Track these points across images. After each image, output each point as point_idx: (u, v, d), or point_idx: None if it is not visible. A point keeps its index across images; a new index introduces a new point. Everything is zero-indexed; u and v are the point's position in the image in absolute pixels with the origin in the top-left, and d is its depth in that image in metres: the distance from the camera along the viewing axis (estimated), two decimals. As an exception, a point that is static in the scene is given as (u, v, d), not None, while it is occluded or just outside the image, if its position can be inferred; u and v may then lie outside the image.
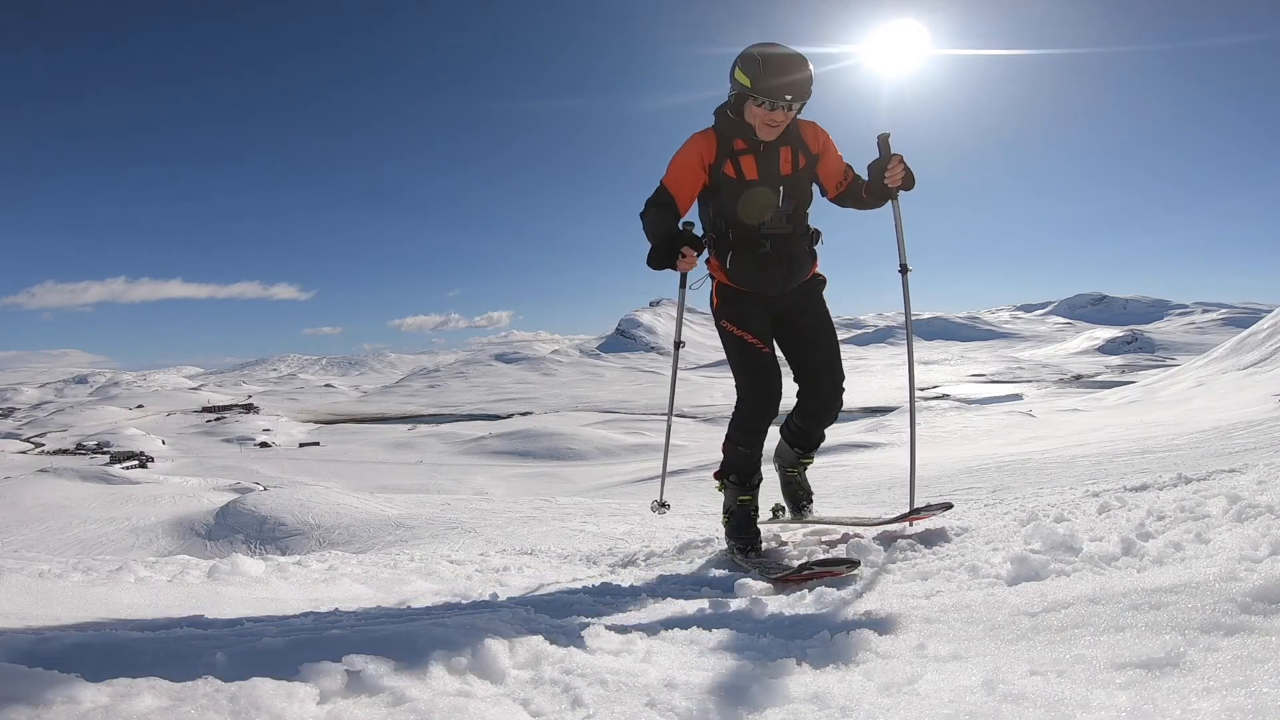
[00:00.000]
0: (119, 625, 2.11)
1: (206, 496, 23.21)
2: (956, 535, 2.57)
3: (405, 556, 4.82)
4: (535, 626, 1.75)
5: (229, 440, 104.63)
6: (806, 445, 3.24)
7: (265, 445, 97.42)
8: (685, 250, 2.65)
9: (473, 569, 4.00)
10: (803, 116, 2.76)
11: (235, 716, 0.99)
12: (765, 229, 2.77)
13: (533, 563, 4.35)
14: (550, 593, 2.87)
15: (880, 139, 2.88)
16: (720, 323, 2.93)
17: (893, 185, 2.85)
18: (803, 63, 2.58)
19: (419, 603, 2.72)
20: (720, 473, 3.11)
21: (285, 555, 5.13)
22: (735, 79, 2.65)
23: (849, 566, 2.23)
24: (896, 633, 1.38)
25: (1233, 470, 3.65)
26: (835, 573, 2.21)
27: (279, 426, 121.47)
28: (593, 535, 7.04)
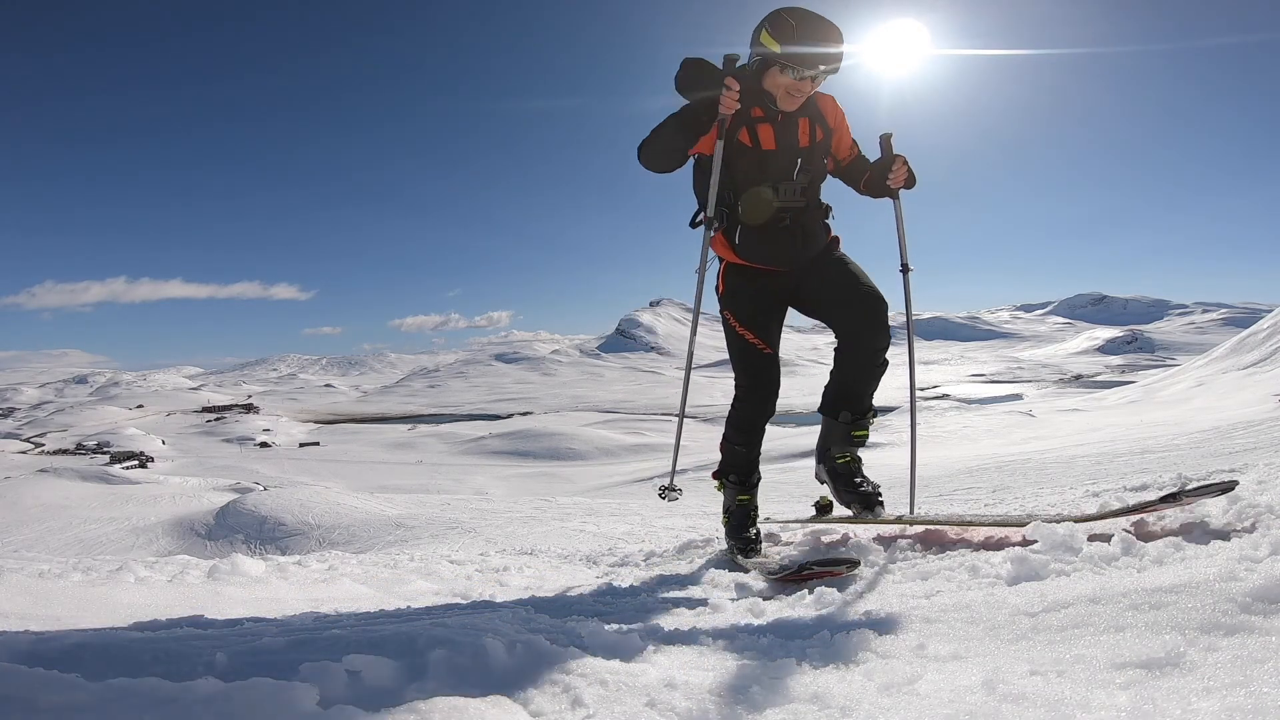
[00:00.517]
0: (119, 625, 2.11)
1: (206, 496, 23.22)
2: (957, 535, 2.57)
3: (405, 556, 4.82)
4: (535, 626, 1.75)
5: (229, 440, 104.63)
6: (856, 401, 2.72)
7: (265, 445, 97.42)
8: (729, 81, 2.38)
9: (473, 569, 4.00)
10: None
11: (235, 717, 0.99)
12: (779, 201, 2.61)
13: (533, 563, 4.35)
14: (550, 593, 2.88)
15: (882, 139, 2.85)
16: (724, 312, 2.82)
17: (895, 186, 2.82)
18: (838, 33, 2.41)
19: (419, 603, 2.72)
20: (719, 472, 3.10)
21: (285, 555, 5.13)
22: (760, 42, 2.46)
23: (849, 566, 2.23)
24: (896, 633, 1.38)
25: (1233, 470, 3.65)
26: (835, 573, 2.21)
27: (279, 426, 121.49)
28: (593, 535, 7.04)
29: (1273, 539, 1.45)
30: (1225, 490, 2.11)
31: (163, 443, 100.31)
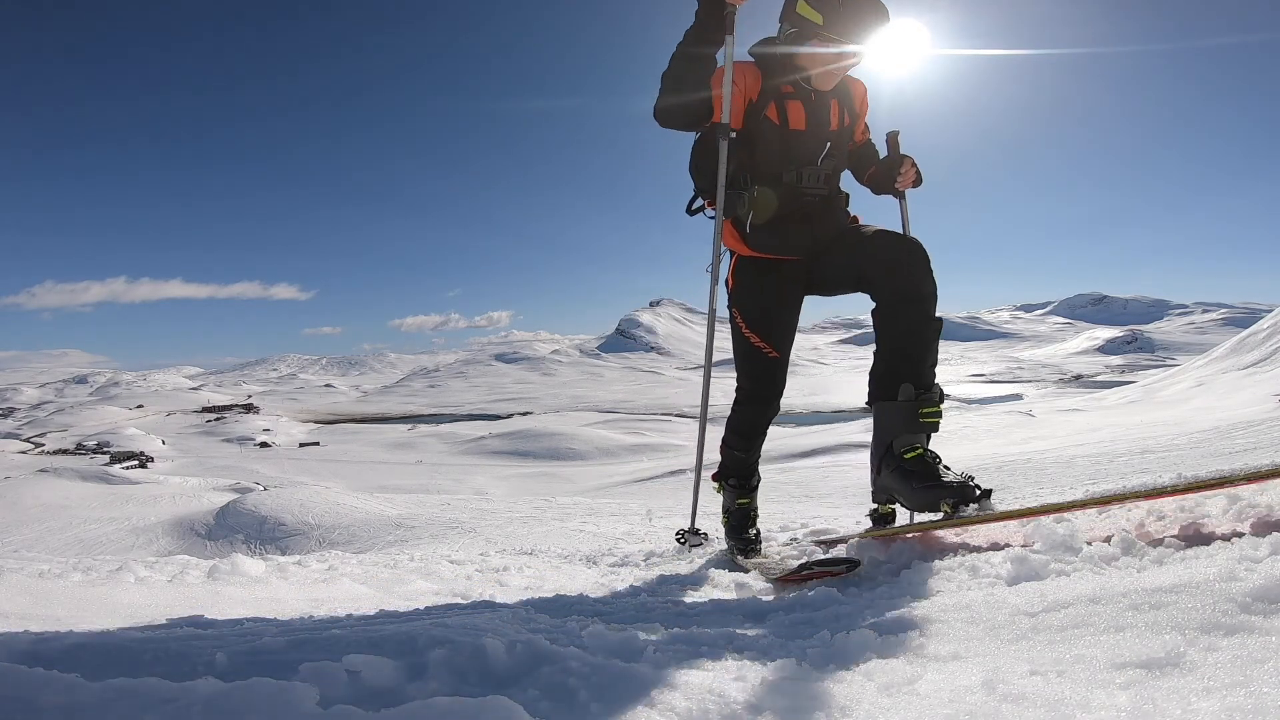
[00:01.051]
0: (119, 625, 2.11)
1: (206, 496, 23.22)
2: (956, 535, 2.56)
3: (405, 556, 4.82)
4: (535, 626, 1.75)
5: (229, 440, 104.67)
6: (914, 370, 2.29)
7: (265, 445, 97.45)
8: None
9: (473, 569, 3.99)
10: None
11: (235, 717, 0.99)
12: (801, 187, 2.45)
13: (533, 563, 4.35)
14: (550, 593, 2.87)
15: (889, 137, 2.75)
16: (732, 309, 2.67)
17: (903, 188, 2.73)
18: (885, 10, 2.25)
19: (419, 603, 2.72)
20: (718, 475, 3.11)
21: (285, 555, 5.13)
22: (798, 13, 2.28)
23: (849, 566, 2.23)
24: (896, 633, 1.38)
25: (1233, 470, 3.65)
26: (835, 573, 2.21)
27: (279, 426, 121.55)
28: (593, 535, 7.04)
29: (1273, 539, 1.45)
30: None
31: (163, 443, 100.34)
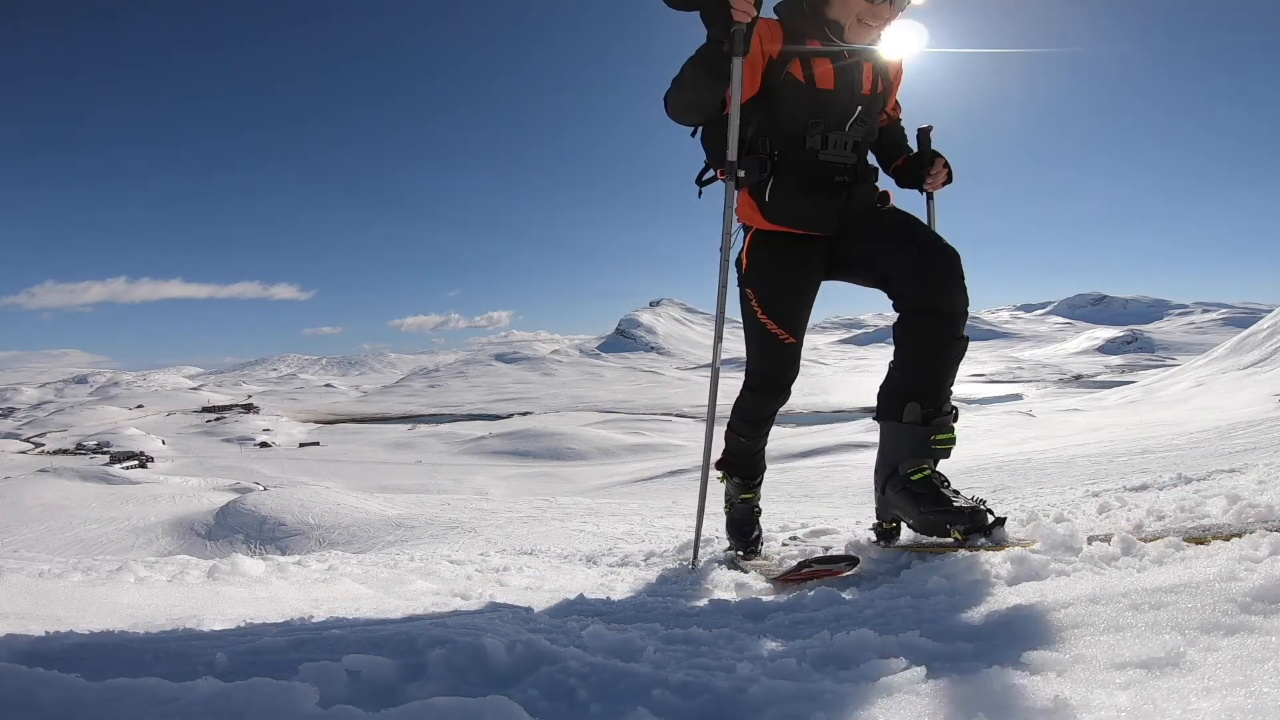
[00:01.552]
0: (119, 625, 2.11)
1: (206, 496, 23.21)
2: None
3: (405, 556, 4.82)
4: (535, 626, 1.75)
5: (229, 440, 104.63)
6: (932, 390, 2.10)
7: (265, 445, 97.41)
8: None
9: (473, 569, 3.99)
10: None
11: (235, 717, 0.99)
12: (827, 153, 2.24)
13: (533, 563, 4.35)
14: (550, 593, 2.87)
15: (921, 133, 2.55)
16: (745, 289, 2.46)
17: (933, 189, 2.61)
18: None
19: (419, 603, 2.72)
20: (721, 463, 3.07)
21: (285, 555, 5.13)
22: None
23: (849, 566, 2.23)
24: (897, 633, 1.38)
25: (1233, 470, 3.65)
26: (835, 572, 2.21)
27: (279, 426, 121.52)
28: (593, 535, 7.04)
29: (1273, 539, 1.45)
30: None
31: (163, 443, 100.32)
